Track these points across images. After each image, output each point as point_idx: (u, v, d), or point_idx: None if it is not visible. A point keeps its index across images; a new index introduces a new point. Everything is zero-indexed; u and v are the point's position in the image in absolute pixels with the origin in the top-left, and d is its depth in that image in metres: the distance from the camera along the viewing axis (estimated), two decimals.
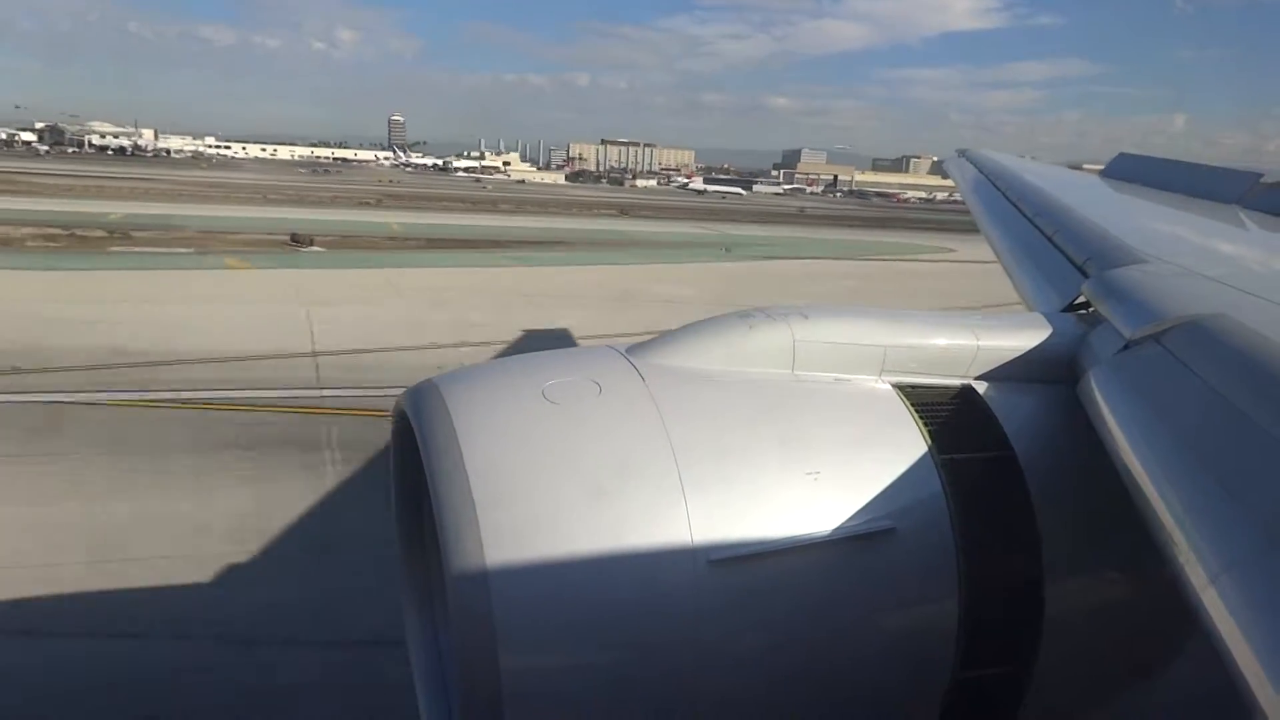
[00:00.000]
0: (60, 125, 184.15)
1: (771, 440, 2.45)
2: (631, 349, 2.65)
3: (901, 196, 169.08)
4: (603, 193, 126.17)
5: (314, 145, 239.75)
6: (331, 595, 8.20)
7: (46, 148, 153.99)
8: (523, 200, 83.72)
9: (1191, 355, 2.45)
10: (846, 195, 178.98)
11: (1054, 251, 4.61)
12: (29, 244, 32.42)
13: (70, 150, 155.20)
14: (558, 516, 2.22)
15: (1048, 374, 2.84)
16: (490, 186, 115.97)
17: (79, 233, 35.57)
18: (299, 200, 63.86)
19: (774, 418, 2.51)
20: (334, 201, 65.43)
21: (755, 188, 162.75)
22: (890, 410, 2.62)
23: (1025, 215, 5.91)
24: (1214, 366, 2.36)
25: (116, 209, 46.89)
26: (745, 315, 2.72)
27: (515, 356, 2.77)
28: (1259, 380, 2.24)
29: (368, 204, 65.24)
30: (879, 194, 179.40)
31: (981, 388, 2.77)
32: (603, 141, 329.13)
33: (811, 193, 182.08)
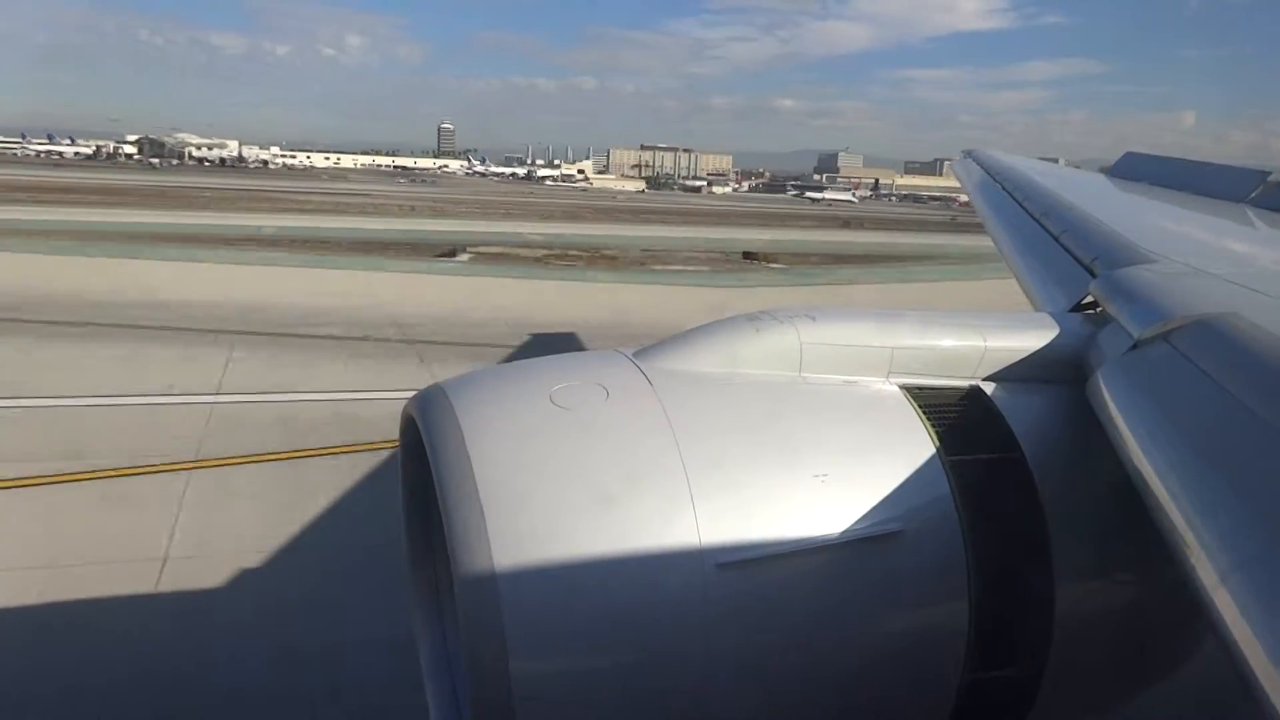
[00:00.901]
0: (159, 138, 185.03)
1: (779, 443, 2.45)
2: (638, 353, 2.65)
3: (961, 200, 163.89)
4: (739, 202, 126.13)
5: (365, 152, 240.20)
6: None
7: (157, 160, 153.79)
8: (707, 213, 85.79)
9: (1201, 354, 2.44)
10: (901, 200, 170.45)
11: (1061, 251, 4.59)
12: (555, 261, 35.83)
13: (174, 162, 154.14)
14: (565, 521, 2.22)
15: (1056, 374, 2.83)
16: (620, 197, 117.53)
17: (572, 252, 39.34)
18: (548, 216, 66.73)
19: (781, 420, 2.51)
20: (576, 216, 68.34)
21: (826, 194, 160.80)
22: (898, 412, 2.62)
23: (1031, 215, 5.88)
24: (1223, 365, 2.36)
25: (491, 229, 50.25)
26: (752, 318, 2.72)
27: (522, 361, 2.78)
28: (1269, 379, 2.23)
29: (603, 219, 67.16)
30: (933, 198, 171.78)
31: (989, 388, 2.76)
32: (642, 147, 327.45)
33: (861, 197, 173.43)
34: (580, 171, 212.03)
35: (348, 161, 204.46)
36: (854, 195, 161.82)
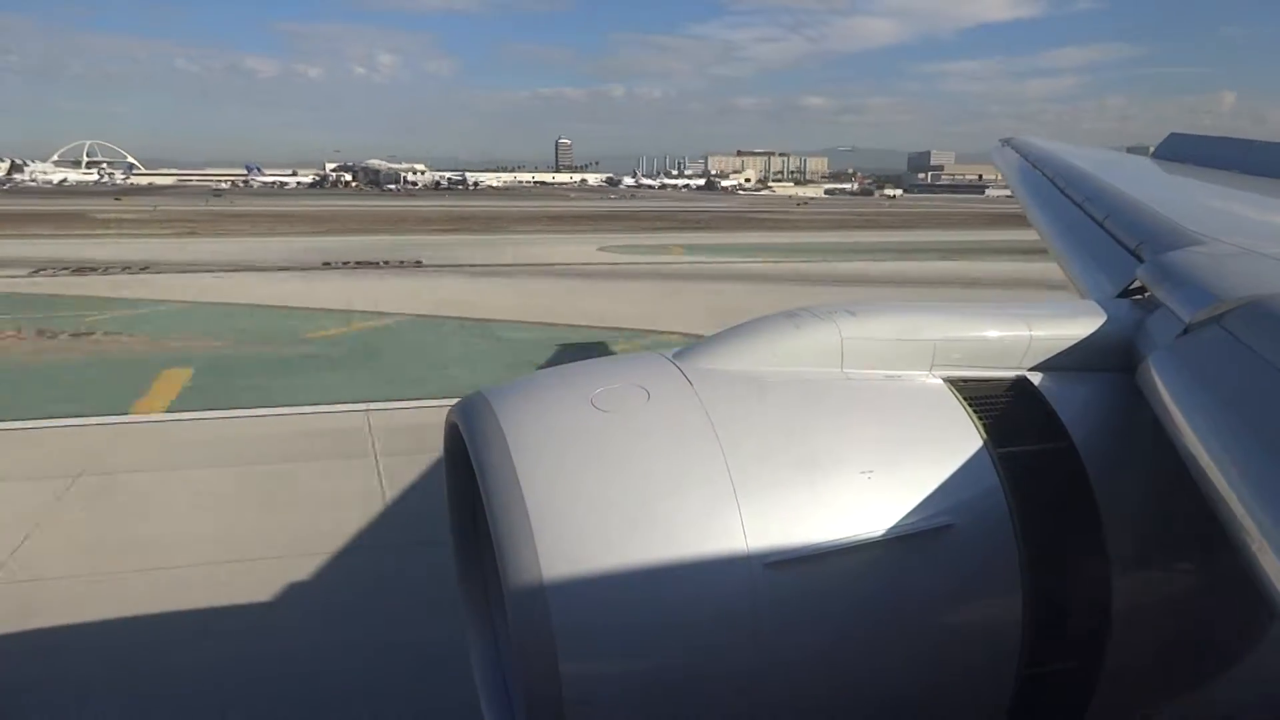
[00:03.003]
0: (369, 165, 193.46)
1: (823, 440, 2.44)
2: (678, 353, 2.66)
3: None
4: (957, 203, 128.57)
5: (489, 170, 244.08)
6: None
7: (393, 185, 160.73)
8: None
9: (1255, 336, 2.38)
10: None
11: (1106, 236, 4.51)
12: None
13: (394, 187, 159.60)
14: (611, 525, 2.23)
15: (1104, 362, 2.78)
16: (888, 205, 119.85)
17: None
18: (950, 224, 73.02)
19: (824, 417, 2.50)
20: (969, 224, 74.24)
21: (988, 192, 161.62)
22: (943, 405, 2.59)
23: (1074, 201, 5.78)
24: (1278, 347, 2.30)
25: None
26: (791, 315, 2.71)
27: (562, 366, 2.79)
28: None
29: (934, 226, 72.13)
30: None
31: (1036, 378, 2.72)
32: (739, 153, 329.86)
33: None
34: (747, 180, 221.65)
35: (489, 179, 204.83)
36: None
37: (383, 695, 6.06)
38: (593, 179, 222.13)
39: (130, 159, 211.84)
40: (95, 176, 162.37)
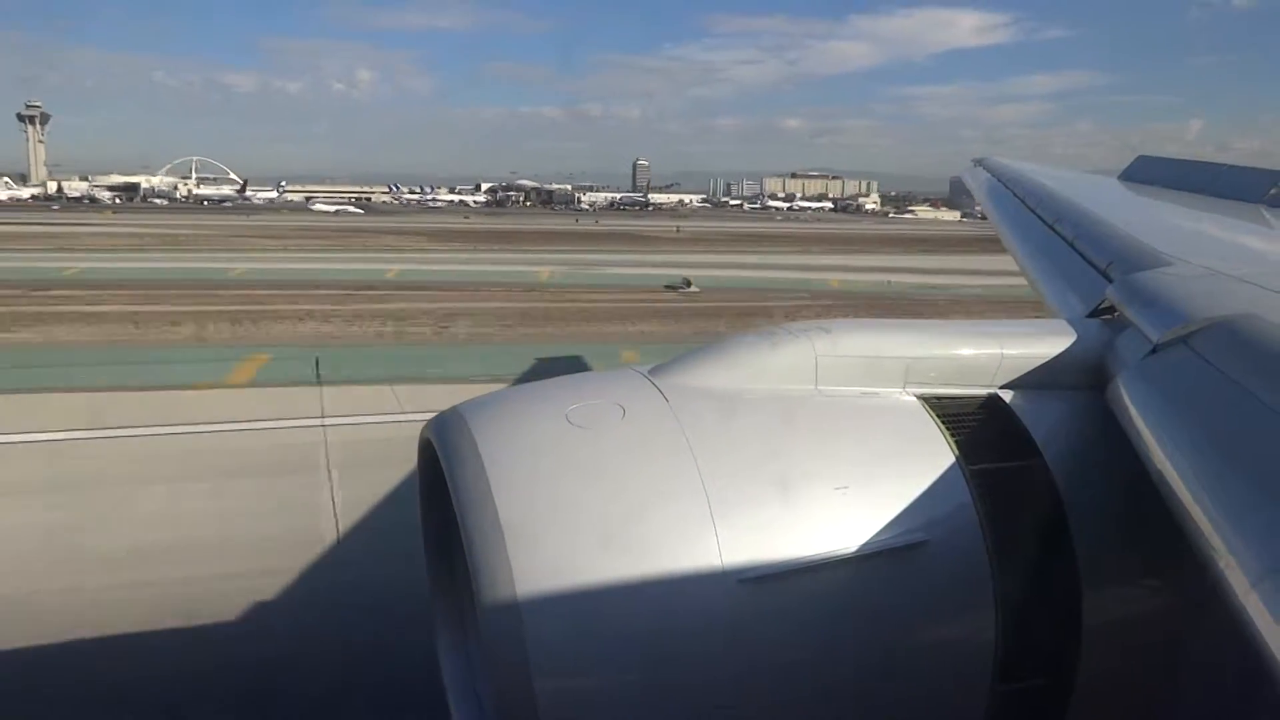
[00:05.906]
0: (546, 187, 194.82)
1: (798, 456, 2.44)
2: (654, 370, 2.66)
3: None
4: None
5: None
6: None
7: (588, 205, 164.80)
8: None
9: (1221, 356, 2.42)
10: None
11: (1076, 257, 4.57)
12: None
13: (587, 206, 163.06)
14: (585, 541, 2.22)
15: (1075, 380, 2.82)
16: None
17: None
18: None
19: (799, 434, 2.51)
20: None
21: None
22: (916, 422, 2.61)
23: (1045, 221, 5.87)
24: (1244, 367, 2.34)
25: None
26: (767, 333, 2.72)
27: (538, 382, 2.79)
28: None
29: None
30: None
31: (1008, 396, 2.75)
32: (793, 175, 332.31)
33: None
34: (874, 203, 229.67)
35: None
36: None
37: None
38: (690, 198, 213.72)
39: (232, 174, 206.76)
40: (274, 194, 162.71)
